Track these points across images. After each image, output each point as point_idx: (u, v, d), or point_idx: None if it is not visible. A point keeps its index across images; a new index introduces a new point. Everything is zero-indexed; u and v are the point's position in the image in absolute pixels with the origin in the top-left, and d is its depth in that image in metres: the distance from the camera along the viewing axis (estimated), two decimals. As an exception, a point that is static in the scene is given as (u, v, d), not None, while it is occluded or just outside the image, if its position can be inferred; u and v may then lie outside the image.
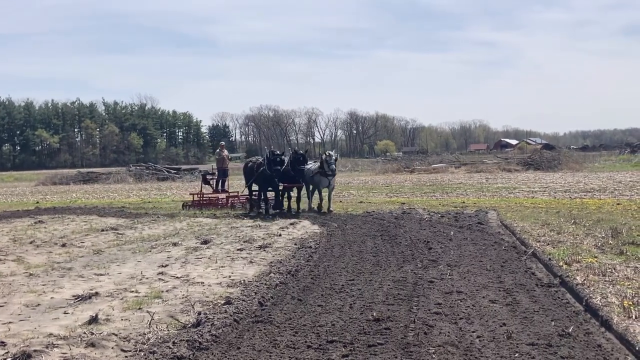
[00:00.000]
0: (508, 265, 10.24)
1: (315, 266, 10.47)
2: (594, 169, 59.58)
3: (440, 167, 67.12)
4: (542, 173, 53.93)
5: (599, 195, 25.72)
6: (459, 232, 14.27)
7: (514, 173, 56.25)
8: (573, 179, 41.74)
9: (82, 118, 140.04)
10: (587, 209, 19.11)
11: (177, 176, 67.95)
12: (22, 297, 8.65)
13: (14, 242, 14.30)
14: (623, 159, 72.36)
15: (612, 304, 7.46)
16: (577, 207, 20.06)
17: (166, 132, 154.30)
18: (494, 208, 20.02)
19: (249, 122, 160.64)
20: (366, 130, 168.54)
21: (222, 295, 8.40)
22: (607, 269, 9.51)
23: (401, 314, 7.17)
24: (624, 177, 41.79)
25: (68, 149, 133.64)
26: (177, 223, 17.92)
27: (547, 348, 5.89)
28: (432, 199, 26.76)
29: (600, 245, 11.79)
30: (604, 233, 13.20)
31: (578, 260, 10.22)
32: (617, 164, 66.23)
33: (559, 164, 61.18)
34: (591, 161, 69.62)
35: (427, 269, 9.96)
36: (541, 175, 49.47)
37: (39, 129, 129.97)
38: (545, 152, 76.05)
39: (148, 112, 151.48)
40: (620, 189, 28.96)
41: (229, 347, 6.12)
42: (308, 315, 7.26)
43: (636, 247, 11.39)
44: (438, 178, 50.87)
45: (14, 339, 6.54)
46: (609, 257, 10.64)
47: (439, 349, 5.87)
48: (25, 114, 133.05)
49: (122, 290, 8.97)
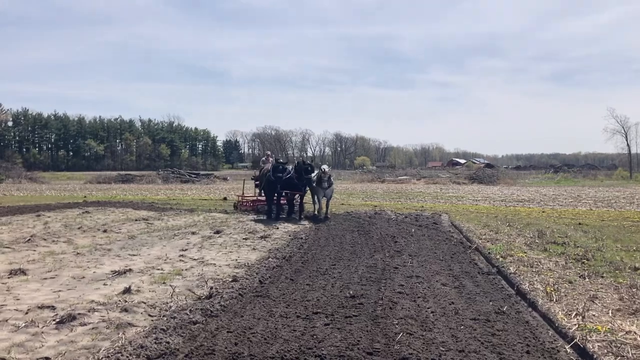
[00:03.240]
0: (456, 256, 10.21)
1: (305, 253, 10.37)
2: (525, 184, 59.88)
3: (404, 179, 67.19)
4: (484, 186, 54.14)
5: (528, 204, 25.80)
6: (419, 230, 14.22)
7: (462, 185, 56.40)
8: (508, 191, 41.88)
9: (122, 131, 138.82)
10: (519, 215, 19.14)
11: (196, 179, 67.62)
12: (70, 271, 8.54)
13: (65, 228, 14.11)
14: (548, 177, 72.71)
15: (537, 289, 7.44)
16: (511, 213, 20.09)
17: (189, 144, 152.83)
18: (446, 212, 19.99)
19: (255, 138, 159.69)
20: (348, 147, 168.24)
21: (230, 274, 8.32)
22: (534, 262, 9.50)
23: (372, 293, 7.11)
24: (548, 191, 42.00)
25: (111, 155, 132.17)
26: (195, 216, 17.75)
27: (486, 322, 5.86)
28: (397, 203, 26.75)
29: (529, 244, 11.79)
30: (532, 234, 13.20)
31: (511, 255, 10.19)
32: (543, 181, 66.58)
33: (497, 179, 61.54)
34: (522, 178, 70.01)
35: (393, 258, 9.90)
36: (483, 188, 49.63)
37: (88, 139, 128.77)
38: (486, 169, 76.51)
39: (175, 128, 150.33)
40: (545, 200, 29.07)
41: (234, 315, 6.06)
42: (298, 291, 7.19)
43: (556, 246, 11.40)
44: (403, 187, 50.88)
45: (62, 304, 6.44)
46: (535, 252, 10.64)
47: (401, 320, 5.83)
48: (78, 126, 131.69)
49: (150, 268, 8.86)
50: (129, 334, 5.35)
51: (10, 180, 61.62)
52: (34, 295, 6.90)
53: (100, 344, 5.07)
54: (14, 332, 5.40)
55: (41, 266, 8.88)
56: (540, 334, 5.58)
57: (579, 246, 11.28)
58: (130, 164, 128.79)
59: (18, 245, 11.09)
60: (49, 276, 8.10)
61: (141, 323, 5.74)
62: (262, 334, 5.36)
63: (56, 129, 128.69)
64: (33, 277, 8.00)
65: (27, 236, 12.15)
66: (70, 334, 5.37)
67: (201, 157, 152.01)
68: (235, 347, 4.96)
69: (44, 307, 6.25)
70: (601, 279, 8.18)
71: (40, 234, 12.59)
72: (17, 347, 4.96)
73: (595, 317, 6.14)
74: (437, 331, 5.52)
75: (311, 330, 5.51)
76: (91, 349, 4.94)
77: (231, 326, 5.60)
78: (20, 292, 7.11)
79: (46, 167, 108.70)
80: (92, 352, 4.85)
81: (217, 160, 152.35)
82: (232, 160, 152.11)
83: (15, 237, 12.16)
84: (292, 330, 5.49)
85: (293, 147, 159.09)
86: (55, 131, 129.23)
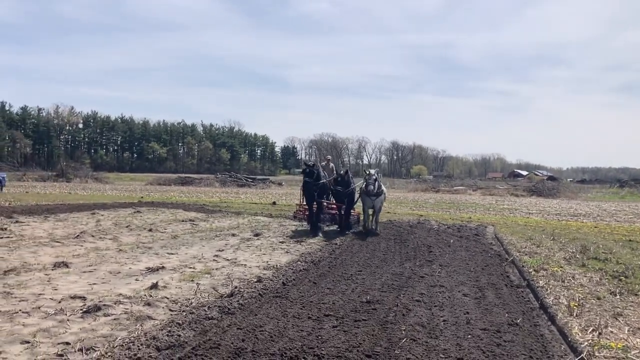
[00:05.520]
0: (488, 268, 10.09)
1: (335, 259, 10.51)
2: (587, 198, 57.69)
3: (460, 189, 66.09)
4: (543, 199, 52.55)
5: (583, 219, 24.96)
6: (458, 241, 14.10)
7: (520, 197, 54.95)
8: (567, 205, 40.56)
9: (185, 135, 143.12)
10: (568, 229, 18.59)
11: (252, 184, 68.89)
12: (108, 266, 9.03)
13: (114, 226, 14.83)
14: (612, 191, 69.71)
15: (561, 304, 7.32)
16: (560, 227, 19.52)
17: (248, 150, 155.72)
18: (493, 224, 19.66)
19: (312, 145, 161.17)
20: (405, 156, 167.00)
21: (257, 275, 8.59)
22: (567, 276, 9.30)
23: (389, 299, 7.19)
24: (610, 206, 40.38)
25: (173, 158, 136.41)
26: (241, 219, 18.22)
27: (495, 333, 5.85)
28: (446, 213, 26.43)
29: (568, 258, 11.50)
30: (575, 249, 12.86)
31: (545, 268, 10.00)
32: (607, 195, 63.88)
33: (557, 192, 59.58)
34: (586, 192, 67.44)
35: (422, 267, 9.92)
36: (542, 201, 48.20)
37: (152, 142, 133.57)
38: (547, 182, 74.06)
39: (235, 133, 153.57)
40: (602, 215, 28.03)
41: (249, 313, 6.29)
42: (317, 295, 7.36)
43: (597, 261, 11.08)
44: (457, 198, 50.09)
45: (93, 295, 6.88)
46: (572, 267, 10.38)
47: (409, 327, 5.89)
48: (142, 129, 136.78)
49: (184, 266, 9.25)
50: (147, 326, 5.67)
51: (78, 180, 64.80)
52: (70, 287, 7.38)
53: (117, 333, 5.42)
54: (44, 318, 5.84)
55: (84, 260, 9.44)
56: (551, 348, 5.52)
57: (621, 263, 10.92)
58: (192, 167, 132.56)
59: (68, 240, 11.78)
60: (88, 270, 8.61)
61: (160, 317, 6.07)
62: (270, 332, 5.57)
63: (122, 131, 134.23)
64: (74, 270, 8.53)
65: (78, 232, 12.88)
66: (93, 323, 5.75)
67: (259, 162, 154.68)
68: (241, 343, 5.19)
69: (75, 298, 6.70)
70: (633, 297, 7.94)
71: (91, 231, 13.30)
72: (42, 332, 5.38)
73: (612, 334, 6.01)
74: (442, 339, 5.56)
75: (318, 331, 5.68)
76: (108, 337, 5.28)
77: (243, 323, 5.83)
78: (59, 283, 7.62)
79: (112, 168, 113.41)
80: (108, 340, 5.19)
81: (274, 165, 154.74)
82: (289, 166, 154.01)
83: (67, 233, 12.91)
84: (299, 330, 5.67)
85: (349, 155, 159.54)
86: (121, 134, 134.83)
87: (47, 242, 11.37)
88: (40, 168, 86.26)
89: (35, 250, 10.33)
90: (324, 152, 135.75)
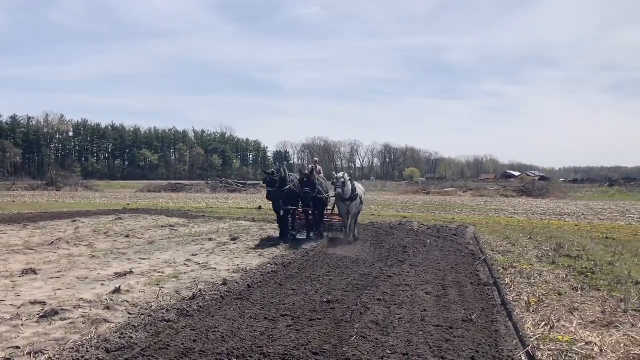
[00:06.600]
0: (458, 267, 10.18)
1: (307, 261, 10.56)
2: (576, 197, 58.05)
3: (450, 191, 66.35)
4: (533, 199, 52.84)
5: (567, 218, 25.13)
6: (435, 241, 14.19)
7: (510, 198, 55.24)
8: (555, 204, 40.81)
9: (176, 142, 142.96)
10: (548, 228, 18.72)
11: (243, 189, 68.87)
12: (78, 272, 9.07)
13: (93, 232, 14.84)
14: (602, 190, 70.02)
15: (522, 300, 7.42)
16: (541, 226, 19.65)
17: (240, 155, 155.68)
18: (474, 224, 19.79)
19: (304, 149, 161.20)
20: (397, 159, 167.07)
21: (224, 278, 8.63)
22: (534, 274, 9.39)
23: (350, 299, 7.26)
24: (597, 205, 40.66)
25: (165, 165, 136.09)
26: (222, 224, 18.27)
27: (447, 329, 5.93)
28: (430, 215, 26.53)
29: (540, 256, 11.61)
30: (549, 247, 12.99)
31: (514, 266, 10.10)
32: (596, 194, 64.23)
33: (547, 192, 59.89)
34: (575, 191, 67.72)
35: (392, 267, 9.99)
36: (530, 201, 48.50)
37: (143, 149, 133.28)
38: (537, 182, 74.42)
39: (227, 139, 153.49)
40: (587, 214, 28.22)
41: (207, 315, 6.35)
42: (279, 296, 7.42)
43: (568, 259, 11.19)
44: (447, 199, 50.28)
45: (54, 300, 6.92)
46: (542, 265, 10.49)
47: (363, 325, 5.96)
48: (133, 137, 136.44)
49: (153, 270, 9.30)
50: (101, 329, 5.72)
51: (68, 189, 64.64)
52: (33, 293, 7.42)
53: (70, 337, 5.47)
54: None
55: (54, 267, 9.47)
56: (503, 343, 5.61)
57: (591, 260, 11.03)
58: (184, 173, 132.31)
59: (42, 247, 11.81)
60: (56, 276, 8.65)
61: (117, 320, 6.12)
62: (222, 332, 5.63)
63: (113, 139, 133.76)
64: (41, 277, 8.57)
65: (54, 239, 12.89)
66: (48, 327, 5.80)
67: (252, 167, 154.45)
68: (191, 344, 5.25)
69: (35, 303, 6.75)
70: (595, 292, 8.05)
71: (67, 238, 13.33)
72: (-6, 337, 5.42)
73: (564, 328, 6.10)
74: (393, 336, 5.64)
75: (271, 331, 5.74)
76: (60, 341, 5.33)
77: (198, 325, 5.89)
78: (23, 289, 7.65)
79: (103, 175, 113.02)
80: (59, 343, 5.24)
81: (267, 170, 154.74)
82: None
83: (43, 240, 12.93)
84: (252, 331, 5.73)
85: (342, 158, 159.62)
86: (112, 141, 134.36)
87: (20, 249, 11.40)
88: (31, 177, 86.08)
89: (6, 258, 10.35)
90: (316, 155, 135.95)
